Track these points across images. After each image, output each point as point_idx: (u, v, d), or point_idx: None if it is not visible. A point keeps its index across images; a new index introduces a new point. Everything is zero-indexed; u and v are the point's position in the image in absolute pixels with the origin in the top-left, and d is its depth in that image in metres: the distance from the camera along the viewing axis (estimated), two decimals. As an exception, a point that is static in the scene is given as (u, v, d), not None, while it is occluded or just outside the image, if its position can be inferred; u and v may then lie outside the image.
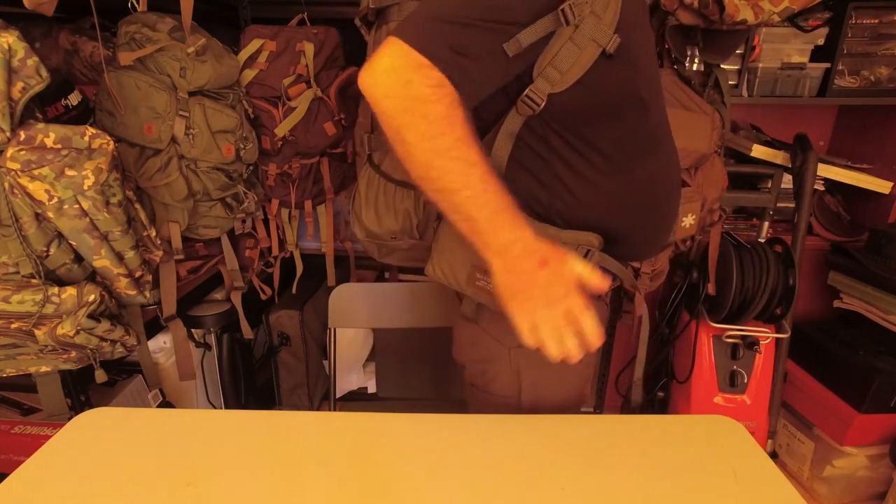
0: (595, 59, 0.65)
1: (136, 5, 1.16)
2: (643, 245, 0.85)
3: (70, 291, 0.93)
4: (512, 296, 0.67)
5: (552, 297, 0.65)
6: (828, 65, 1.48)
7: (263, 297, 1.53)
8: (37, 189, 0.85)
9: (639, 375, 1.07)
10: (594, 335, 0.66)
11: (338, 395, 1.37)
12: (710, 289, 1.43)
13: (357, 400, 1.77)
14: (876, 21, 1.44)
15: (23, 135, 0.84)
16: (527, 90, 0.67)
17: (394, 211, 0.92)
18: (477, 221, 0.64)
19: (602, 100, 0.70)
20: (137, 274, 1.04)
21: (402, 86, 0.59)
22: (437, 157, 0.61)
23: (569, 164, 0.73)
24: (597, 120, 0.71)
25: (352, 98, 1.39)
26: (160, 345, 1.38)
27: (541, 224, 0.76)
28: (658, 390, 1.63)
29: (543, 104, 0.67)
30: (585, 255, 0.77)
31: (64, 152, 0.86)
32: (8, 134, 0.83)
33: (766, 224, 1.52)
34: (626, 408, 1.72)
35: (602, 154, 0.73)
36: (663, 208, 0.83)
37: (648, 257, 0.92)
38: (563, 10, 0.62)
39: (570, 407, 0.89)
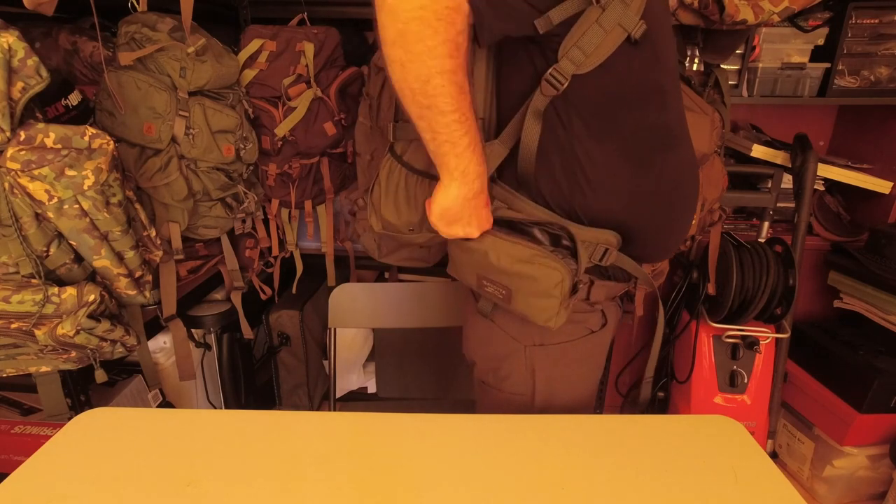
0: (620, 43, 0.66)
1: (136, 5, 1.16)
2: (659, 246, 0.85)
3: (70, 291, 0.93)
4: (451, 219, 0.74)
5: (474, 226, 0.75)
6: (828, 65, 1.48)
7: (263, 297, 1.53)
8: (37, 189, 0.85)
9: (650, 374, 1.06)
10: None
11: (338, 395, 1.37)
12: (710, 289, 1.43)
13: (357, 400, 1.77)
14: (876, 21, 1.44)
15: (23, 135, 0.84)
16: (550, 69, 0.68)
17: (414, 202, 0.92)
18: (456, 146, 0.66)
19: (625, 86, 0.71)
20: (137, 274, 1.04)
21: None
22: (437, 74, 0.61)
23: (589, 153, 0.73)
24: (619, 107, 0.72)
25: (352, 98, 1.39)
26: (160, 345, 1.38)
27: (564, 220, 0.77)
28: (658, 390, 1.63)
29: (566, 84, 0.68)
30: (603, 255, 0.77)
31: (64, 152, 0.86)
32: (8, 134, 0.83)
33: (766, 224, 1.52)
34: (635, 406, 1.71)
35: (622, 144, 0.73)
36: (681, 209, 0.83)
37: (663, 259, 0.92)
38: None
39: (582, 407, 0.89)
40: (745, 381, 1.47)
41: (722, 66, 1.34)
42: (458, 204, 0.72)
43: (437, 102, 0.63)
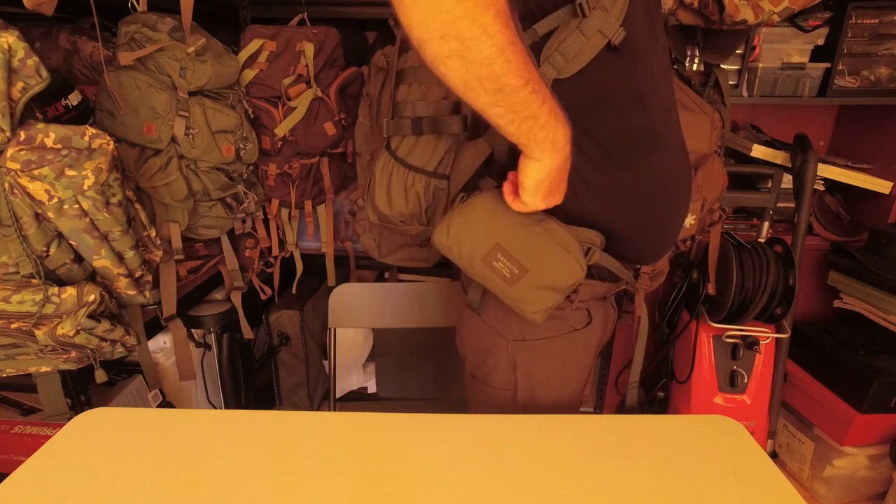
0: (600, 50, 0.68)
1: (136, 5, 1.16)
2: (645, 247, 0.85)
3: (70, 291, 0.93)
4: (548, 190, 0.69)
5: (561, 196, 0.72)
6: (828, 65, 1.48)
7: (263, 297, 1.53)
8: (37, 189, 0.85)
9: (635, 378, 1.06)
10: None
11: (338, 395, 1.37)
12: (710, 289, 1.43)
13: (357, 400, 1.77)
14: (876, 21, 1.44)
15: (23, 135, 0.84)
16: None
17: (405, 194, 0.95)
18: (538, 117, 0.62)
19: (602, 90, 0.72)
20: (137, 274, 1.04)
21: None
22: (500, 51, 0.55)
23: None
24: (596, 110, 0.72)
25: (352, 98, 1.39)
26: (160, 345, 1.38)
27: (544, 216, 0.77)
28: (658, 390, 1.63)
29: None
30: (586, 253, 0.77)
31: (64, 152, 0.86)
32: (8, 134, 0.83)
33: (766, 224, 1.52)
34: (621, 409, 1.72)
35: (599, 146, 0.74)
36: (666, 211, 0.83)
37: (652, 261, 0.93)
38: (579, 5, 0.65)
39: (567, 405, 0.90)
40: (745, 381, 1.47)
41: (722, 66, 1.34)
42: (553, 173, 0.68)
43: (507, 81, 0.57)
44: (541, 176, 0.67)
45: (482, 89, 0.58)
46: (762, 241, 1.49)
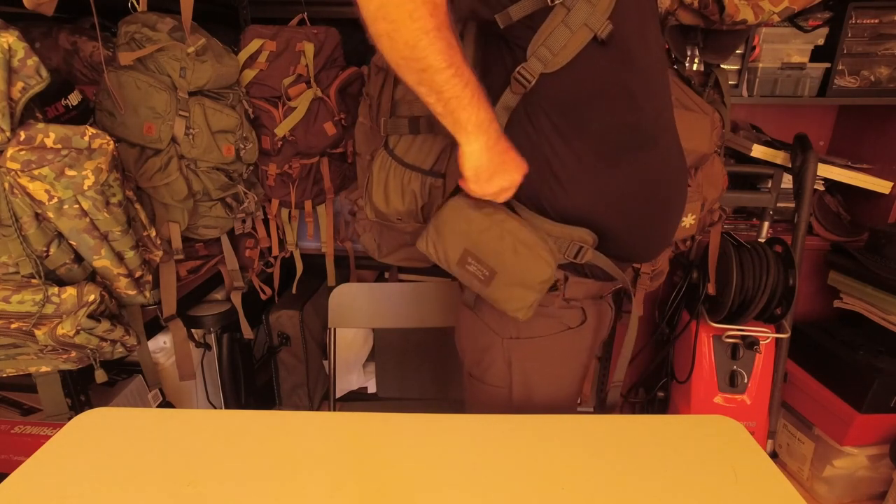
0: (586, 43, 0.68)
1: (136, 5, 1.16)
2: (639, 246, 0.85)
3: (70, 291, 0.93)
4: (488, 175, 0.72)
5: (512, 169, 0.73)
6: (828, 65, 1.48)
7: (263, 297, 1.53)
8: (37, 189, 0.85)
9: (619, 378, 1.06)
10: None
11: (338, 395, 1.37)
12: (710, 289, 1.43)
13: (357, 400, 1.77)
14: (876, 21, 1.44)
15: (23, 135, 0.84)
16: (518, 68, 0.70)
17: (401, 191, 0.96)
18: (461, 98, 0.66)
19: (592, 85, 0.72)
20: (137, 274, 1.04)
21: None
22: (422, 35, 0.61)
23: (557, 151, 0.74)
24: (585, 105, 0.73)
25: (352, 98, 1.39)
26: (160, 345, 1.38)
27: (533, 215, 0.77)
28: (658, 390, 1.63)
29: (534, 82, 0.70)
30: (577, 252, 0.77)
31: (64, 152, 0.86)
32: (8, 134, 0.83)
33: (766, 224, 1.52)
34: (600, 409, 1.71)
35: (590, 142, 0.74)
36: (660, 209, 0.83)
37: (647, 259, 0.93)
38: None
39: (562, 404, 0.90)
40: (745, 381, 1.47)
41: (722, 66, 1.34)
42: (486, 157, 0.70)
43: (430, 63, 0.63)
44: (474, 162, 0.71)
45: (408, 68, 0.64)
46: (762, 241, 1.50)
